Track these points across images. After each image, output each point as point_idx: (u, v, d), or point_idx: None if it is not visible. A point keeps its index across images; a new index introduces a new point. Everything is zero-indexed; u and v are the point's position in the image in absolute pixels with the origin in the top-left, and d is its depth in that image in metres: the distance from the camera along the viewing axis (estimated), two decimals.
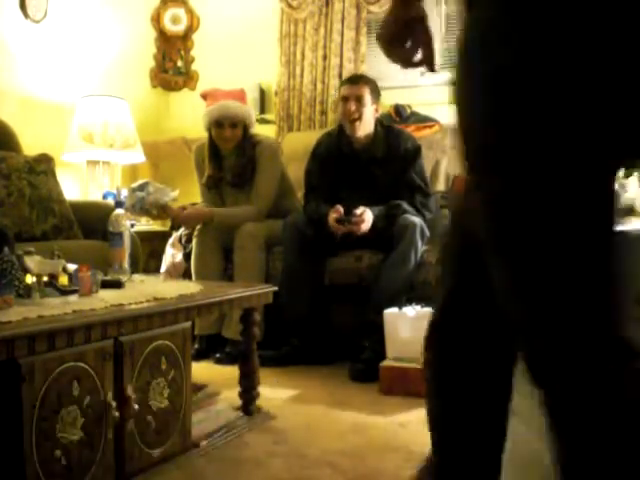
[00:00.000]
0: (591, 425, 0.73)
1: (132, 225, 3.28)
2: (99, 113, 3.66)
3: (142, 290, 1.84)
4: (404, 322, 2.46)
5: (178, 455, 1.72)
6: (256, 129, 3.26)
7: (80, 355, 1.41)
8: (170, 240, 3.32)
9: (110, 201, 3.37)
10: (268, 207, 3.08)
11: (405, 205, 2.82)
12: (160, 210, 2.90)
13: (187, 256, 3.13)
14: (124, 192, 3.15)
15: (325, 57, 4.00)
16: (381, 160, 2.94)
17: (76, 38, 3.86)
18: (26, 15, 3.53)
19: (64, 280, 1.74)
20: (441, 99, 3.36)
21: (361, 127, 2.92)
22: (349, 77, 3.27)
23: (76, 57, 3.86)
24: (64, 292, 1.69)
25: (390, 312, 2.54)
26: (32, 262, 1.64)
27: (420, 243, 2.73)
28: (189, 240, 3.14)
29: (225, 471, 1.70)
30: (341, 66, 3.93)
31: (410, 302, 2.55)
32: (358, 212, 2.78)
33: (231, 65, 4.15)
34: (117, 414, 1.48)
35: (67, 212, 2.92)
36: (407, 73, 3.34)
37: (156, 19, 4.47)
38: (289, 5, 4.08)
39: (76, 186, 3.81)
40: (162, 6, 4.46)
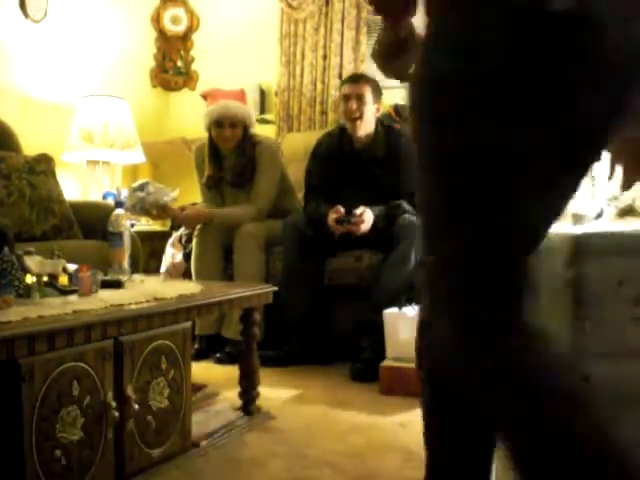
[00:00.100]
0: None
1: (132, 225, 3.28)
2: (99, 113, 3.66)
3: (142, 290, 1.83)
4: (404, 322, 2.46)
5: (178, 455, 1.72)
6: (256, 129, 3.27)
7: (80, 355, 1.41)
8: (170, 240, 3.32)
9: (110, 201, 3.37)
10: (268, 207, 3.09)
11: (405, 205, 2.82)
12: (160, 210, 2.90)
13: (187, 256, 3.13)
14: (124, 192, 3.15)
15: (325, 57, 4.00)
16: (381, 160, 2.94)
17: (76, 38, 3.86)
18: (26, 15, 3.53)
19: (64, 280, 1.74)
20: None
21: (362, 126, 2.92)
22: (350, 76, 3.27)
23: (76, 57, 3.87)
24: (64, 292, 1.69)
25: (390, 312, 2.54)
26: (32, 262, 1.65)
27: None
28: (189, 240, 3.14)
29: (225, 471, 1.70)
30: (341, 66, 3.93)
31: (410, 302, 2.55)
32: (358, 212, 2.78)
33: (231, 65, 4.15)
34: (117, 414, 1.48)
35: (67, 212, 2.92)
36: None
37: (156, 19, 4.47)
38: (289, 5, 4.08)
39: (76, 186, 3.81)
40: (162, 6, 4.46)
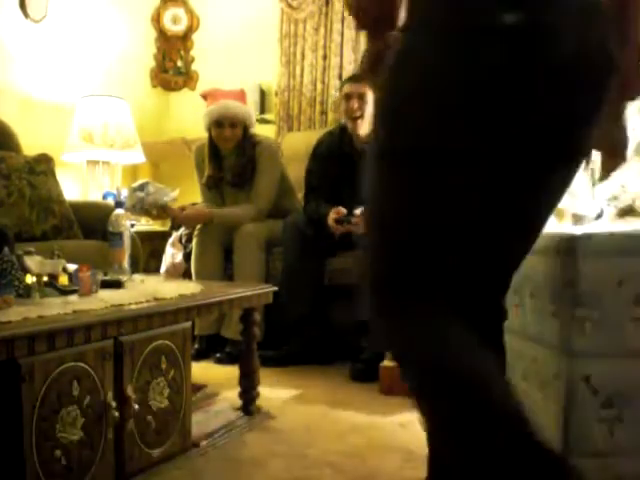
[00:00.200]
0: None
1: (132, 225, 3.28)
2: (99, 113, 3.66)
3: (142, 290, 1.83)
4: None
5: (178, 455, 1.72)
6: (256, 129, 3.26)
7: (80, 355, 1.40)
8: (170, 240, 3.32)
9: (110, 201, 3.37)
10: (268, 207, 3.09)
11: None
12: (160, 210, 2.90)
13: (187, 256, 3.13)
14: (124, 192, 3.15)
15: (325, 57, 4.00)
16: None
17: (76, 38, 3.86)
18: (26, 15, 3.53)
19: (64, 280, 1.74)
20: None
21: (363, 125, 2.92)
22: (352, 75, 3.27)
23: (76, 57, 3.87)
24: (64, 292, 1.69)
25: None
26: (32, 262, 1.64)
27: None
28: (189, 240, 3.14)
29: (225, 471, 1.70)
30: (341, 66, 3.93)
31: None
32: (358, 212, 2.78)
33: (231, 65, 4.15)
34: (117, 414, 1.48)
35: (67, 212, 2.92)
36: None
37: (156, 19, 4.47)
38: (289, 5, 4.08)
39: (76, 186, 3.81)
40: (162, 6, 4.46)
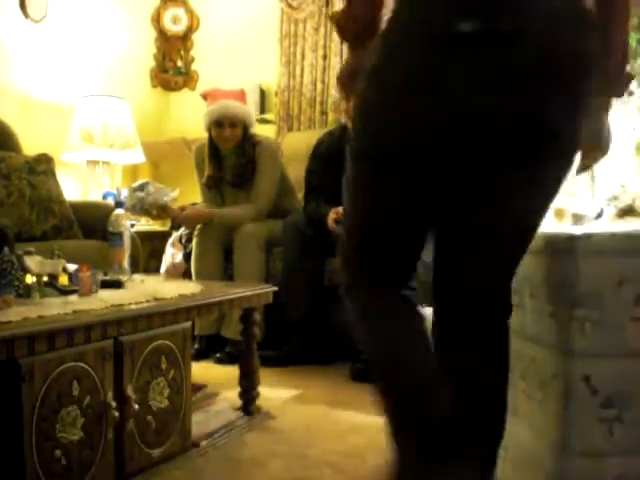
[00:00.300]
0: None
1: (132, 225, 3.28)
2: (99, 113, 3.66)
3: (142, 290, 1.83)
4: None
5: (178, 455, 1.72)
6: (256, 129, 3.26)
7: (80, 355, 1.41)
8: (170, 240, 3.32)
9: (110, 201, 3.37)
10: (268, 207, 3.08)
11: None
12: (160, 210, 2.90)
13: (187, 256, 3.13)
14: (124, 192, 3.15)
15: (325, 57, 4.00)
16: None
17: (76, 38, 3.86)
18: (26, 15, 3.53)
19: (64, 280, 1.74)
20: None
21: None
22: None
23: (76, 57, 3.87)
24: (64, 292, 1.69)
25: None
26: (32, 262, 1.64)
27: None
28: (189, 240, 3.14)
29: (225, 471, 1.70)
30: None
31: None
32: None
33: (231, 65, 4.15)
34: (117, 414, 1.48)
35: (67, 212, 2.92)
36: None
37: (156, 19, 4.47)
38: (289, 5, 4.08)
39: (76, 186, 3.81)
40: (162, 6, 4.46)
